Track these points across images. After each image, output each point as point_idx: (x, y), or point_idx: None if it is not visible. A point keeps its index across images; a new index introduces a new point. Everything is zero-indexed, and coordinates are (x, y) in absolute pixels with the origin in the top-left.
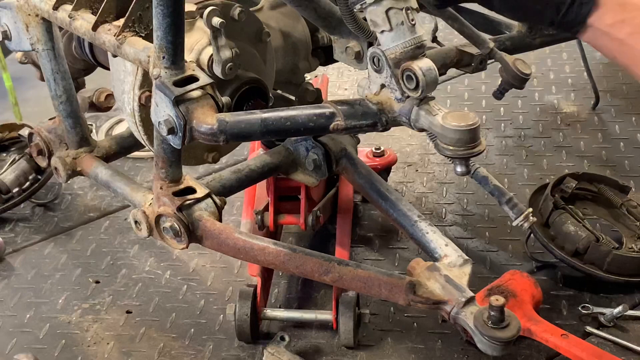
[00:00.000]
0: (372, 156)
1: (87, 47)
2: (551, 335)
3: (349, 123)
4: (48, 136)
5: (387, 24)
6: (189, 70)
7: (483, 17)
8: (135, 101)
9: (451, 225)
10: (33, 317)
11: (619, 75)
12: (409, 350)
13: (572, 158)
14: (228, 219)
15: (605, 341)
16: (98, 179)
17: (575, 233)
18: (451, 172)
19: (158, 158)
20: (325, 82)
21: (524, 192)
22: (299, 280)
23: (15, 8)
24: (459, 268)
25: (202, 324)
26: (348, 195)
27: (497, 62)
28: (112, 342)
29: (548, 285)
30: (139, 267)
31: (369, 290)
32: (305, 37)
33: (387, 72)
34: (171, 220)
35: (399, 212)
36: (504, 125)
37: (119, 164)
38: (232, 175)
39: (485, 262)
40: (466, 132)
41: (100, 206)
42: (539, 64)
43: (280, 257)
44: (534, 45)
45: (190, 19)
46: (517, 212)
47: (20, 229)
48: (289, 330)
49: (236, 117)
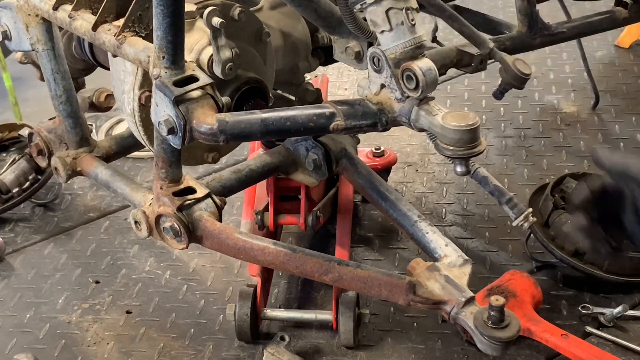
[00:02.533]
0: (372, 156)
1: (87, 47)
2: (551, 335)
3: (349, 123)
4: (48, 136)
5: (387, 24)
6: (189, 70)
7: (483, 17)
8: (135, 101)
9: (451, 225)
10: (33, 317)
11: (619, 75)
12: (409, 350)
13: (572, 158)
14: (228, 219)
15: (605, 341)
16: (98, 179)
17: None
18: (451, 172)
19: (158, 158)
20: (325, 82)
21: (524, 192)
22: (299, 280)
23: (15, 8)
24: (459, 268)
25: (202, 324)
26: (348, 195)
27: (497, 62)
28: (112, 342)
29: (548, 285)
30: (139, 267)
31: (369, 290)
32: (305, 37)
33: (387, 72)
34: (171, 220)
35: (399, 212)
36: (504, 125)
37: (119, 164)
38: (232, 175)
39: (485, 262)
40: (466, 132)
41: (100, 206)
42: (539, 64)
43: (280, 257)
44: (534, 45)
45: (190, 19)
46: (517, 212)
47: (20, 229)
48: (289, 330)
49: (236, 117)
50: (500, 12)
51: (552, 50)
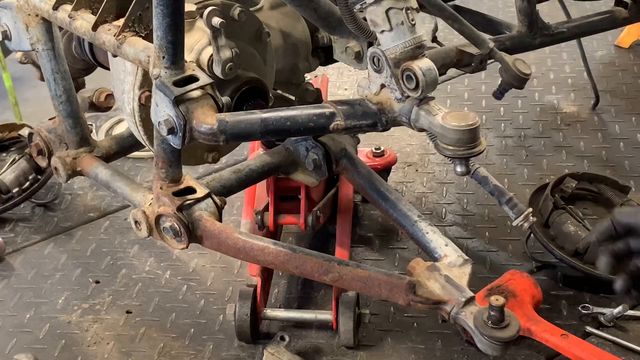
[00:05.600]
0: (372, 156)
1: (87, 47)
2: (551, 335)
3: (349, 123)
4: (48, 136)
5: (387, 24)
6: (189, 70)
7: (483, 17)
8: (135, 101)
9: (451, 225)
10: (33, 317)
11: (619, 75)
12: (409, 350)
13: (572, 158)
14: (228, 219)
15: (605, 341)
16: (98, 179)
17: (575, 233)
18: (451, 172)
19: (158, 158)
20: (325, 82)
21: (524, 192)
22: (299, 280)
23: (15, 8)
24: (459, 268)
25: (202, 324)
26: (348, 195)
27: (497, 62)
28: (112, 342)
29: (548, 285)
30: (139, 267)
31: (369, 290)
32: (305, 37)
33: (387, 72)
34: (171, 220)
35: (399, 212)
36: (504, 125)
37: (119, 164)
38: (232, 175)
39: (485, 262)
40: (466, 132)
41: (100, 206)
42: (539, 64)
43: (280, 257)
44: (534, 45)
45: (190, 19)
46: (517, 212)
47: (20, 229)
48: (289, 330)
49: (236, 117)
50: (500, 12)
51: (552, 50)
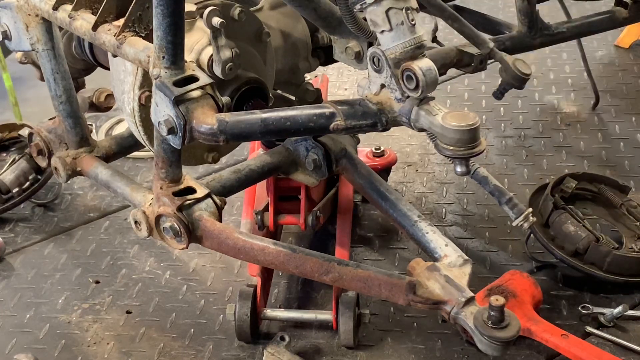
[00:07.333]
0: (372, 156)
1: (87, 47)
2: (551, 335)
3: (349, 123)
4: (48, 136)
5: (387, 24)
6: (189, 70)
7: (483, 17)
8: (135, 101)
9: (451, 225)
10: (33, 317)
11: (619, 75)
12: (409, 350)
13: (572, 158)
14: (228, 219)
15: (605, 341)
16: (98, 179)
17: (575, 233)
18: (451, 172)
19: (158, 158)
20: (325, 82)
21: (524, 192)
22: (299, 280)
23: (15, 8)
24: (459, 268)
25: (202, 324)
26: (348, 195)
27: (497, 62)
28: (112, 342)
29: (548, 285)
30: (139, 267)
31: (369, 290)
32: (305, 37)
33: (387, 72)
34: (171, 220)
35: (399, 212)
36: (504, 125)
37: (119, 164)
38: (232, 175)
39: (485, 262)
40: (466, 132)
41: (100, 206)
42: (539, 64)
43: (280, 257)
44: (534, 45)
45: (190, 19)
46: (517, 212)
47: (20, 229)
48: (289, 330)
49: (236, 117)
50: (500, 12)
51: (552, 50)
